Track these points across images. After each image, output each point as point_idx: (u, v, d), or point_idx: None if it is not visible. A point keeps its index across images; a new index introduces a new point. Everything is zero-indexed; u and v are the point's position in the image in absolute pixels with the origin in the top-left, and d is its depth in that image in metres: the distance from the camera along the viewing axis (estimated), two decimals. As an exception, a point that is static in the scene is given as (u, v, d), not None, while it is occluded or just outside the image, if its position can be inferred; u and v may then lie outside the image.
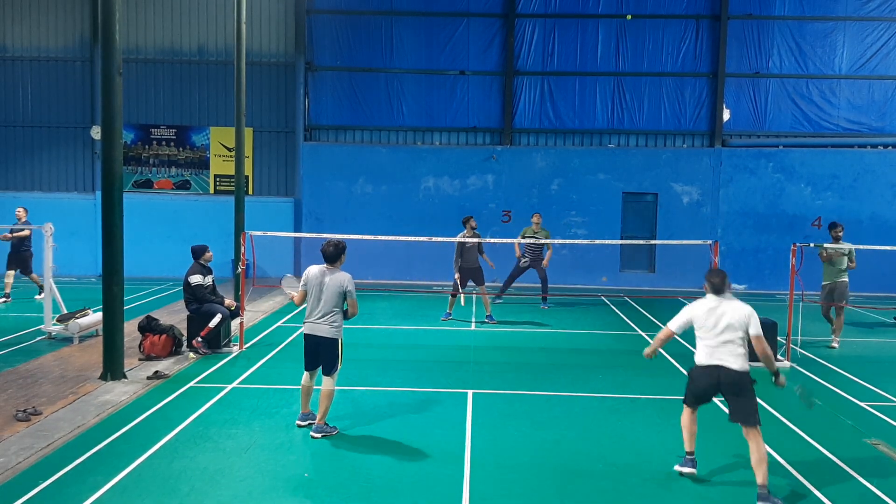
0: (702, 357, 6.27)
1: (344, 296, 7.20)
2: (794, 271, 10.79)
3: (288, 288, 8.19)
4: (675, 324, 6.62)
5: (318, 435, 7.13)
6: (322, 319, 7.18)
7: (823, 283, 12.30)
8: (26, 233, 15.03)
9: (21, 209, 15.46)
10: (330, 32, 19.77)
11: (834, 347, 11.78)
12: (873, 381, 9.66)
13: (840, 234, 12.21)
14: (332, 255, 7.37)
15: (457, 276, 13.70)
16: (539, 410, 8.24)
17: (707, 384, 6.22)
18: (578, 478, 6.32)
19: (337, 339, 7.19)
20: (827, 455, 6.90)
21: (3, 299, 15.02)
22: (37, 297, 15.14)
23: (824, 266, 12.28)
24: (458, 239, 13.54)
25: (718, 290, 6.48)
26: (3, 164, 20.12)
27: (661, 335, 6.72)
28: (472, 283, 13.97)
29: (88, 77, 19.86)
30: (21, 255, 15.13)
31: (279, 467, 6.44)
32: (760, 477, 5.83)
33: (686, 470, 6.34)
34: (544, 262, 15.44)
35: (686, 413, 6.50)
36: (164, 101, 19.95)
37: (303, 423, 7.44)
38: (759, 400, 8.17)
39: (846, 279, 12.14)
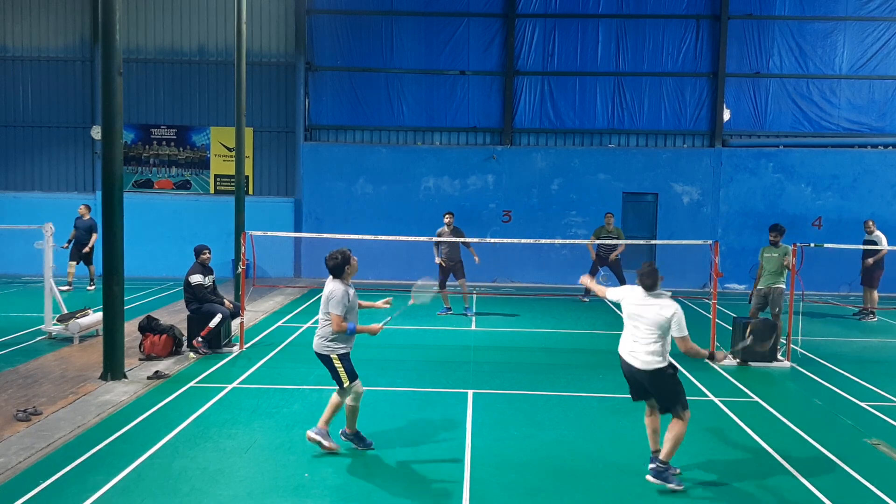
0: (621, 346, 6.53)
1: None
2: (795, 271, 10.79)
3: (420, 292, 7.82)
4: (612, 293, 6.87)
5: (315, 436, 6.71)
6: (316, 333, 6.90)
7: (758, 288, 11.35)
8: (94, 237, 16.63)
9: (84, 206, 17.06)
10: (330, 32, 19.77)
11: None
12: (873, 381, 9.66)
13: (777, 238, 11.35)
14: (332, 268, 6.98)
15: (438, 259, 14.14)
16: (539, 410, 8.24)
17: (626, 375, 6.43)
18: (578, 478, 6.32)
19: (328, 355, 6.77)
20: (827, 455, 6.90)
21: (67, 287, 16.19)
22: (89, 287, 16.64)
23: (759, 269, 11.49)
24: (435, 238, 13.97)
25: (648, 289, 6.41)
26: (2, 164, 20.12)
27: (599, 288, 7.09)
28: (453, 278, 14.38)
29: (89, 77, 19.86)
30: (80, 248, 16.69)
31: (279, 467, 6.44)
32: (664, 453, 5.99)
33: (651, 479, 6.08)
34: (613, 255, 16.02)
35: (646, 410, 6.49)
36: (164, 100, 19.95)
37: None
38: (759, 401, 8.16)
39: (782, 285, 11.16)
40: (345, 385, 6.74)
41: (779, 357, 10.62)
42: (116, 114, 8.94)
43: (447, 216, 14.23)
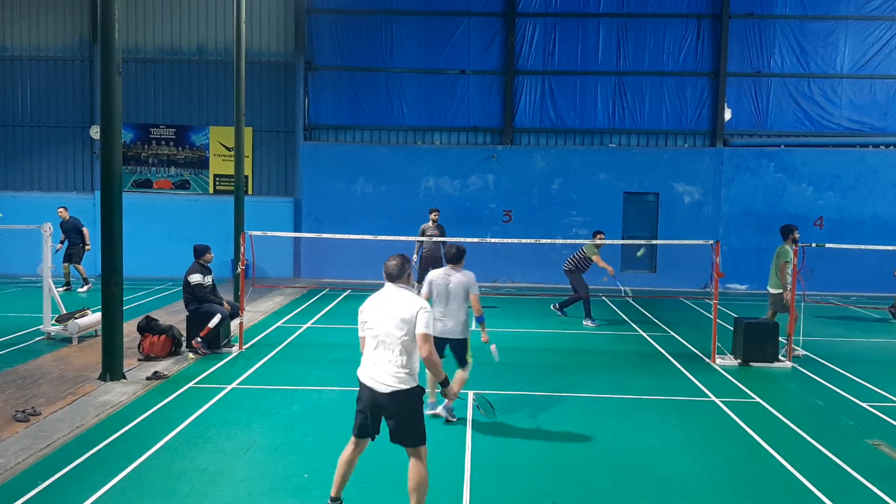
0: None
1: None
2: (796, 271, 10.76)
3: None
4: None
5: (438, 411, 7.68)
6: (450, 319, 7.58)
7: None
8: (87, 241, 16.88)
9: (62, 209, 16.96)
10: (330, 32, 19.75)
11: None
12: (875, 382, 9.63)
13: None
14: (456, 255, 7.63)
15: (415, 257, 14.45)
16: (539, 411, 8.22)
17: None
18: (578, 478, 6.29)
19: (464, 339, 7.66)
20: (828, 455, 6.87)
21: (64, 287, 16.42)
22: (80, 289, 16.53)
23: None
24: (418, 238, 14.17)
25: (392, 278, 5.24)
26: (1, 164, 20.11)
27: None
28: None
29: (88, 77, 19.84)
30: (74, 249, 16.80)
31: (279, 468, 6.41)
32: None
33: None
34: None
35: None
36: (163, 100, 19.93)
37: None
38: (760, 401, 8.15)
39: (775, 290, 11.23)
40: (469, 360, 7.68)
41: (780, 357, 10.59)
42: (115, 113, 8.91)
43: (433, 213, 14.44)
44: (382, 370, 5.09)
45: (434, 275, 7.67)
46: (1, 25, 19.86)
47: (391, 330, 5.05)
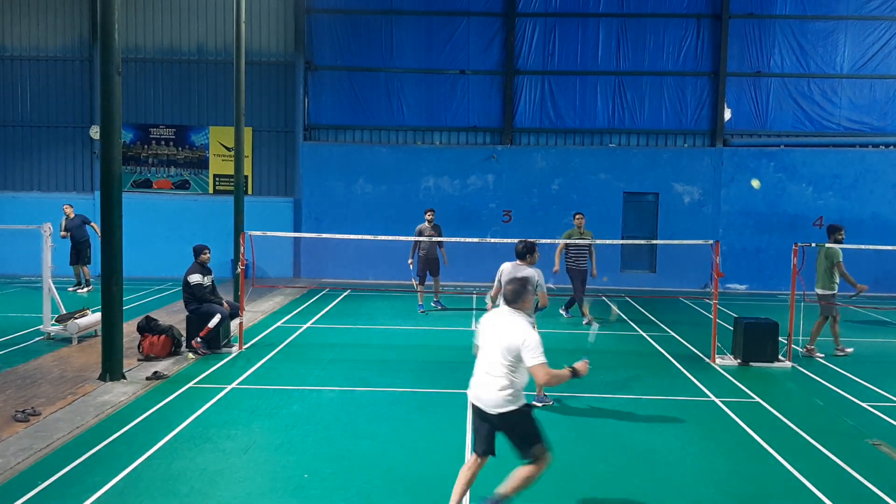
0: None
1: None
2: (796, 271, 10.76)
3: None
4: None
5: (539, 405, 8.07)
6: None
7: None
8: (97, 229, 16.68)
9: (67, 206, 17.06)
10: (330, 32, 19.74)
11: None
12: (875, 382, 9.63)
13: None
14: (521, 252, 8.02)
15: (409, 261, 14.69)
16: (539, 411, 8.21)
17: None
18: (578, 478, 6.29)
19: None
20: (828, 455, 6.87)
21: (75, 287, 16.64)
22: (70, 288, 16.52)
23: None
24: (415, 238, 14.21)
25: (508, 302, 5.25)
26: (2, 164, 20.10)
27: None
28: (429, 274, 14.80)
29: (87, 77, 19.84)
30: (78, 248, 16.85)
31: (279, 468, 6.41)
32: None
33: None
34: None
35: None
36: (163, 100, 19.92)
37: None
38: (760, 401, 8.14)
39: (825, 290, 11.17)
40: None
41: (780, 357, 10.59)
42: (115, 113, 8.91)
43: (428, 213, 14.48)
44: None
45: (505, 266, 8.22)
46: (1, 25, 19.85)
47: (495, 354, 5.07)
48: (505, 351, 5.01)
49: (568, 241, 13.17)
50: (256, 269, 13.29)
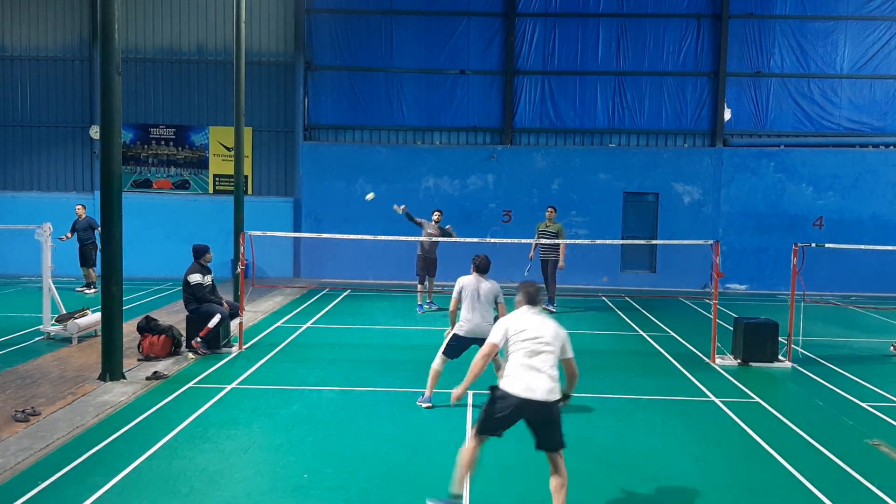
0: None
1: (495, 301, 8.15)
2: (796, 271, 10.76)
3: None
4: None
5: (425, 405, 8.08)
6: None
7: None
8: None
9: (80, 206, 16.99)
10: (330, 32, 19.74)
11: None
12: (874, 382, 9.63)
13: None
14: (486, 266, 8.37)
15: (419, 251, 14.83)
16: (539, 411, 8.21)
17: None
18: (578, 479, 6.28)
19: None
20: (828, 455, 6.87)
21: (84, 288, 16.52)
22: (77, 289, 16.46)
23: None
24: (421, 238, 14.40)
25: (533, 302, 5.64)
26: (2, 164, 20.10)
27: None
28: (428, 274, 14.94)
29: (87, 76, 19.84)
30: (83, 250, 16.79)
31: (278, 468, 6.41)
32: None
33: None
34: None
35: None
36: (163, 100, 19.92)
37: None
38: (760, 401, 8.14)
39: None
40: (501, 361, 7.60)
41: (780, 357, 10.59)
42: (115, 113, 8.91)
43: (436, 213, 14.76)
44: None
45: (465, 280, 8.29)
46: (1, 25, 19.85)
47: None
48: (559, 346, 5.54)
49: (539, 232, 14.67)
50: (256, 269, 13.29)
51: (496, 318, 7.93)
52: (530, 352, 5.39)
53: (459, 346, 8.16)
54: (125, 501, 5.67)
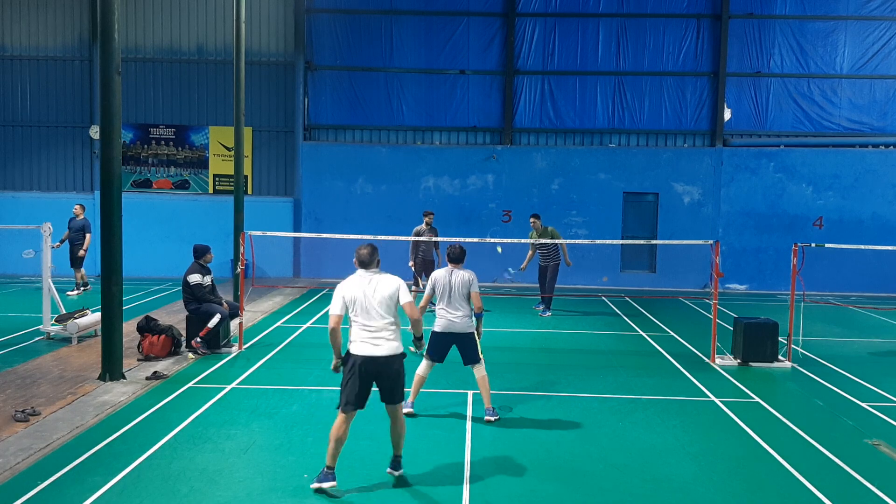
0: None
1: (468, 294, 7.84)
2: (796, 271, 10.76)
3: None
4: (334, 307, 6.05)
5: (492, 419, 7.68)
6: (454, 316, 7.74)
7: None
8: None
9: (78, 206, 16.69)
10: (329, 32, 19.74)
11: None
12: (874, 382, 9.63)
13: None
14: (459, 256, 7.92)
15: (411, 263, 14.59)
16: (539, 411, 8.22)
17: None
18: (579, 478, 6.29)
19: (471, 333, 7.84)
20: (828, 455, 6.87)
21: (80, 290, 16.32)
22: (68, 292, 16.01)
23: None
24: (412, 238, 14.15)
25: (365, 264, 6.16)
26: (1, 164, 20.10)
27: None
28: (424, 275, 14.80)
29: (87, 76, 19.84)
30: (74, 250, 16.47)
31: (278, 468, 6.41)
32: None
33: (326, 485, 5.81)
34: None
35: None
36: (163, 100, 19.92)
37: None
38: (760, 401, 8.14)
39: None
40: (482, 357, 7.88)
41: (780, 357, 10.59)
42: (115, 113, 8.91)
43: (427, 215, 14.51)
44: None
45: (437, 274, 7.92)
46: (1, 25, 19.85)
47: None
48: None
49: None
50: (256, 269, 13.31)
51: (475, 313, 7.87)
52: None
53: (439, 345, 7.84)
54: (125, 501, 5.67)
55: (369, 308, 5.94)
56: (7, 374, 9.24)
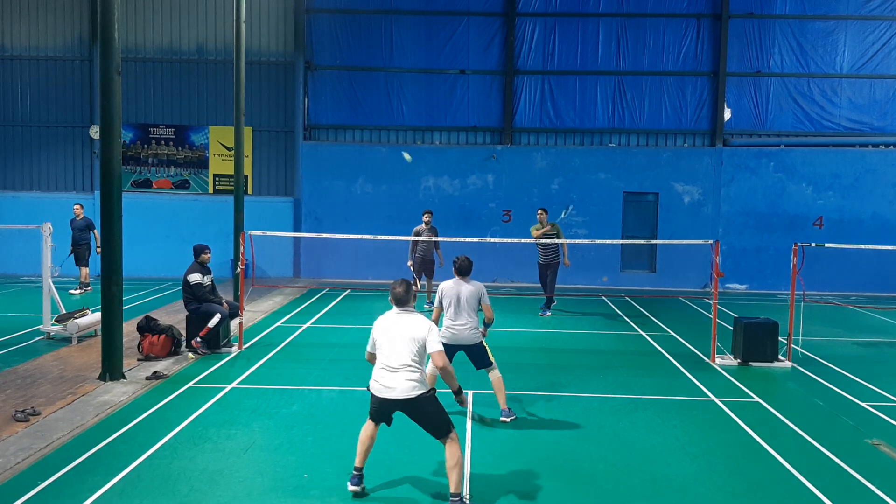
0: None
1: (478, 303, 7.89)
2: (796, 271, 10.76)
3: None
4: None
5: (508, 420, 7.72)
6: (462, 327, 7.76)
7: None
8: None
9: (77, 206, 16.85)
10: (329, 31, 19.74)
11: None
12: (874, 382, 9.63)
13: None
14: (466, 268, 7.94)
15: (409, 263, 14.66)
16: (539, 411, 8.22)
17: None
18: (578, 478, 6.29)
19: (480, 342, 7.87)
20: (828, 455, 6.87)
21: (81, 290, 16.42)
22: (72, 290, 16.17)
23: None
24: (412, 237, 14.24)
25: (400, 302, 5.85)
26: (1, 164, 20.10)
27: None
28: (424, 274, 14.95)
29: (87, 76, 19.83)
30: (76, 250, 16.70)
31: (278, 468, 6.41)
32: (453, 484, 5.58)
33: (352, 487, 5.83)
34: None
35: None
36: (163, 100, 19.92)
37: None
38: (760, 401, 8.16)
39: None
40: (493, 360, 7.89)
41: (780, 357, 10.59)
42: (115, 113, 8.91)
43: (426, 214, 14.52)
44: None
45: (445, 286, 7.97)
46: (1, 25, 19.84)
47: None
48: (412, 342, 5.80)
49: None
50: (256, 268, 13.31)
51: (484, 322, 7.95)
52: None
53: (445, 351, 7.90)
54: (125, 501, 5.67)
55: (392, 347, 5.70)
56: (7, 374, 9.24)
